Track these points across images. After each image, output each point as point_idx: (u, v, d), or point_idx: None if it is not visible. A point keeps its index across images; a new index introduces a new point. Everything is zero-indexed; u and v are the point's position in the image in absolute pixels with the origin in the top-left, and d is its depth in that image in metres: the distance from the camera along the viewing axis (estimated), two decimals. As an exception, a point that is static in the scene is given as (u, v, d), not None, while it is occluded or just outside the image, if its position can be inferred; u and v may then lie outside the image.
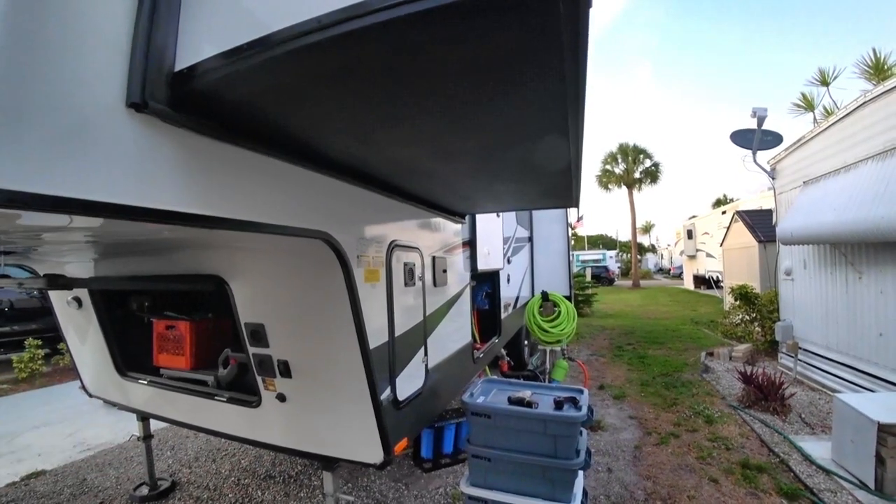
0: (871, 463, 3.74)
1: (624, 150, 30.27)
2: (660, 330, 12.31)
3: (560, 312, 5.22)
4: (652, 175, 30.45)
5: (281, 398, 2.80)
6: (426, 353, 3.06)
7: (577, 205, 3.27)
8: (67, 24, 1.03)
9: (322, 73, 1.26)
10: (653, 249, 64.19)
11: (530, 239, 8.57)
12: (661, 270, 50.65)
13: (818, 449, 4.46)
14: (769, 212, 10.71)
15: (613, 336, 11.66)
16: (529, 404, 2.94)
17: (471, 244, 4.17)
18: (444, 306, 3.45)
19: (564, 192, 2.94)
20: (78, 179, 1.05)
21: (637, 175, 30.48)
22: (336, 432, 2.66)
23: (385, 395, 2.53)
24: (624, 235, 57.62)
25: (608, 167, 31.07)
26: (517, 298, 6.82)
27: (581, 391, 3.20)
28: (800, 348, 6.78)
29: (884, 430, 3.66)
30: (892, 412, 3.78)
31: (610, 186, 31.28)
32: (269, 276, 2.58)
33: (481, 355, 4.55)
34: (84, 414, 6.36)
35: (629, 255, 37.53)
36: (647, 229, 68.09)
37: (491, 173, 2.51)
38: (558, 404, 2.95)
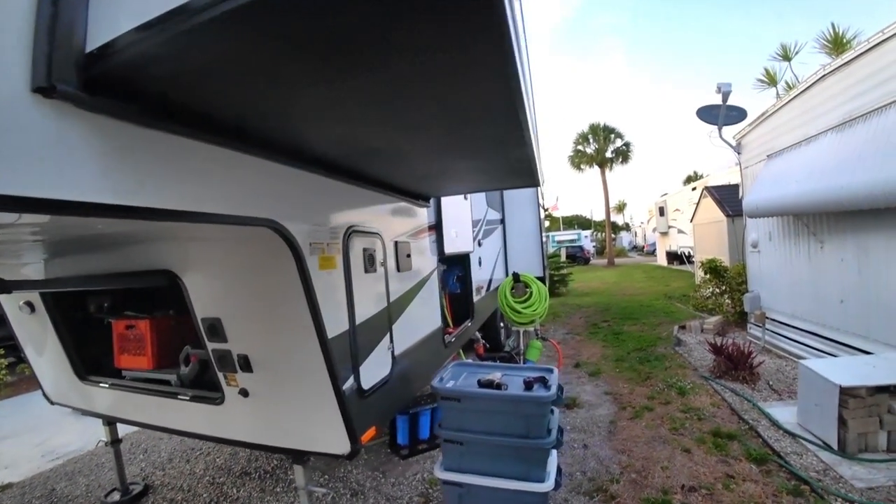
0: (833, 425, 3.84)
1: (595, 129, 30.43)
2: (634, 306, 12.50)
3: (532, 293, 5.22)
4: (623, 154, 30.72)
5: (244, 393, 2.72)
6: (392, 340, 3.00)
7: (539, 184, 3.23)
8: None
9: (244, 45, 1.16)
10: (627, 228, 65.18)
11: (502, 221, 8.56)
12: (635, 248, 51.46)
13: (785, 414, 4.58)
14: (737, 186, 10.89)
15: (589, 314, 11.79)
16: (499, 386, 2.91)
17: (437, 227, 4.10)
18: (409, 292, 3.39)
19: (526, 171, 2.90)
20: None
21: (609, 154, 30.70)
22: (301, 425, 2.59)
23: (348, 384, 2.47)
24: (598, 215, 58.29)
25: (580, 147, 31.23)
26: (490, 281, 6.80)
27: (551, 370, 3.19)
28: (767, 318, 6.95)
29: (845, 393, 3.77)
30: (853, 376, 3.88)
31: (582, 166, 31.47)
32: (223, 268, 2.48)
33: (453, 339, 4.52)
34: (52, 422, 6.14)
35: (604, 235, 37.99)
36: (620, 208, 69.01)
37: (446, 153, 2.45)
38: (528, 385, 2.93)
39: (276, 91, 1.44)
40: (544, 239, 12.32)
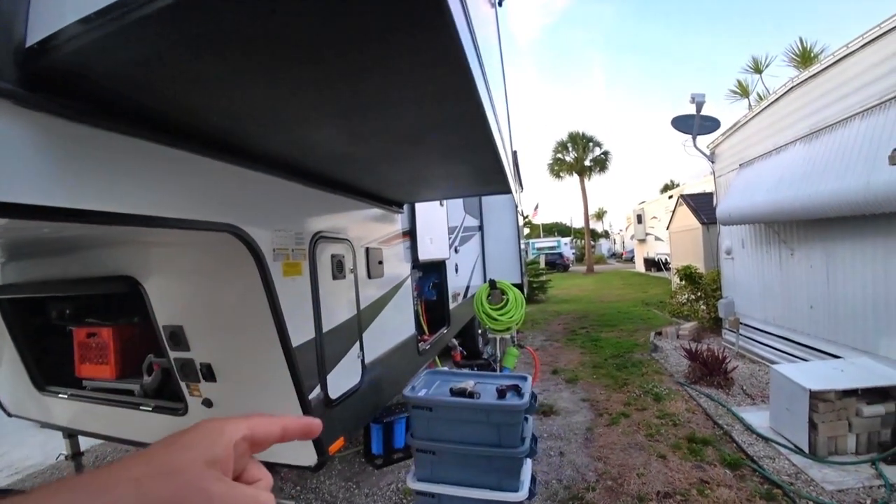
0: (804, 429, 3.89)
1: (574, 138, 30.79)
2: (612, 313, 12.59)
3: (508, 300, 5.19)
4: (601, 163, 31.14)
5: (207, 403, 2.63)
6: (362, 348, 2.93)
7: (511, 191, 3.22)
8: None
9: (189, 39, 1.11)
10: (606, 235, 65.98)
11: (481, 227, 8.55)
12: (614, 255, 52.06)
13: (758, 418, 4.62)
14: (711, 195, 11.09)
15: (568, 321, 11.84)
16: (472, 395, 2.87)
17: (411, 234, 4.05)
18: (381, 299, 3.32)
19: (498, 179, 2.89)
20: None
21: (587, 163, 31.08)
22: (267, 436, 2.50)
23: (314, 394, 2.39)
24: (578, 222, 58.87)
25: (559, 156, 31.56)
26: (468, 288, 6.77)
27: (525, 378, 3.16)
28: (741, 323, 7.04)
29: (815, 397, 3.81)
30: (822, 380, 3.94)
31: (562, 174, 31.79)
32: (185, 275, 2.40)
33: (428, 347, 4.46)
34: (9, 434, 5.88)
35: (584, 242, 38.35)
36: (599, 216, 69.86)
37: (412, 160, 2.42)
38: (501, 393, 2.89)
39: (225, 91, 1.38)
40: (523, 246, 12.37)
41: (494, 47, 2.63)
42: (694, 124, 7.70)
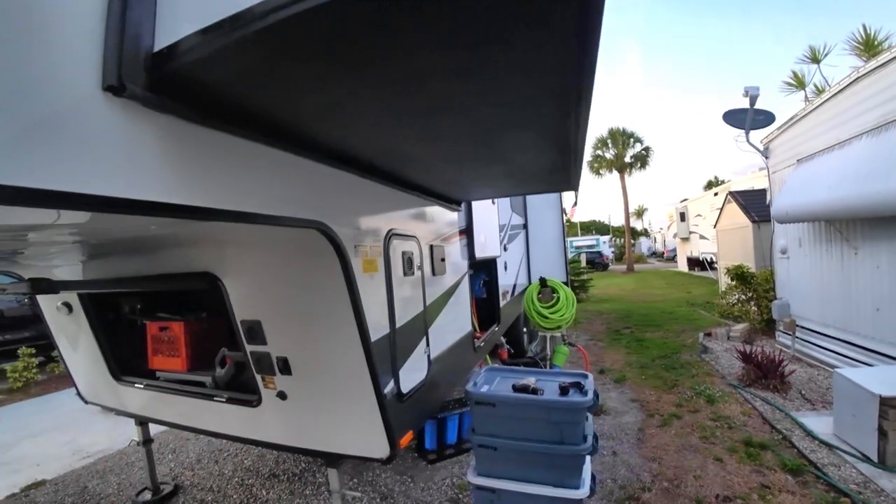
0: (873, 436, 3.75)
1: (614, 134, 30.21)
2: (655, 313, 12.35)
3: (559, 298, 5.19)
4: (642, 159, 30.45)
5: (282, 396, 2.75)
6: (428, 344, 3.01)
7: (576, 188, 3.22)
8: (33, 6, 0.96)
9: (295, 53, 1.20)
10: (646, 233, 64.45)
11: (525, 226, 8.53)
12: (654, 254, 50.85)
13: (819, 424, 4.48)
14: (762, 192, 10.72)
15: (610, 320, 11.68)
16: (535, 391, 2.90)
17: (467, 232, 4.11)
18: (443, 296, 3.40)
19: (563, 175, 2.90)
20: (54, 170, 0.99)
21: (628, 159, 30.45)
22: (340, 428, 2.61)
23: (388, 388, 2.48)
24: (617, 220, 57.81)
25: (599, 152, 31.02)
26: (514, 286, 6.78)
27: (585, 375, 3.17)
28: (797, 325, 6.81)
29: (885, 404, 3.67)
30: (893, 385, 3.79)
31: (601, 172, 31.25)
32: (264, 271, 2.52)
33: (482, 344, 4.52)
34: (80, 421, 6.26)
35: (623, 240, 37.59)
36: (639, 214, 68.29)
37: (483, 157, 2.46)
38: (563, 390, 2.91)
39: (323, 97, 1.47)
40: (566, 244, 12.27)
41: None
42: (747, 118, 7.47)
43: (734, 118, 7.75)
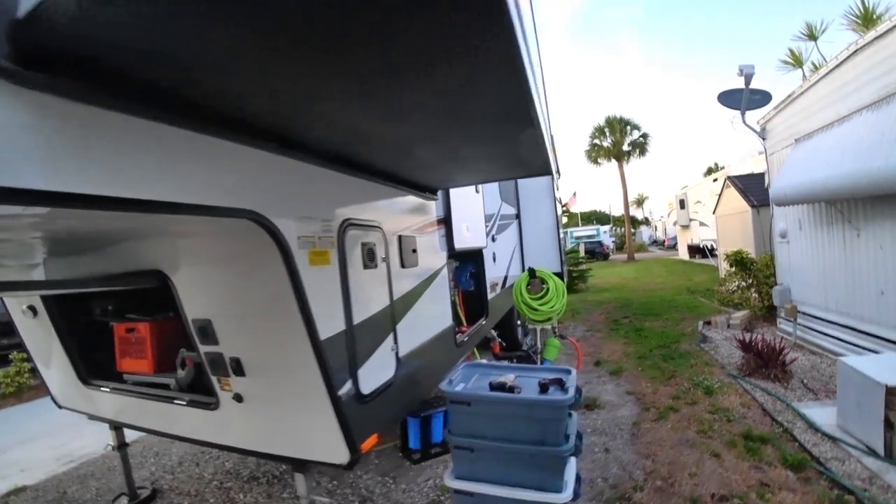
0: (879, 428, 3.54)
1: (611, 122, 29.85)
2: (655, 301, 12.13)
3: (548, 289, 4.98)
4: (640, 147, 30.09)
5: (238, 398, 2.57)
6: (396, 341, 2.81)
7: (552, 172, 3.02)
8: None
9: (196, 6, 0.98)
10: (646, 222, 64.08)
11: (518, 216, 8.33)
12: (655, 242, 50.59)
13: (822, 415, 4.28)
14: (761, 175, 10.46)
15: (609, 310, 11.47)
16: (512, 389, 2.70)
17: (446, 222, 3.90)
18: (416, 289, 3.19)
19: (536, 158, 2.70)
20: None
21: (626, 147, 30.09)
22: (297, 432, 2.43)
23: (345, 389, 2.28)
24: (617, 210, 57.40)
25: (596, 141, 30.67)
26: (506, 278, 6.58)
27: (568, 371, 2.97)
28: (798, 311, 6.59)
29: (892, 393, 3.46)
30: (900, 373, 3.58)
31: (599, 160, 30.91)
32: (211, 266, 2.33)
33: (466, 339, 4.32)
34: (71, 425, 6.08)
35: (623, 229, 37.31)
36: (640, 202, 67.88)
37: (451, 139, 2.26)
38: (543, 387, 2.71)
39: (247, 69, 1.26)
40: (562, 234, 12.05)
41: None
42: (742, 98, 7.22)
43: (730, 99, 7.50)
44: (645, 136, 29.91)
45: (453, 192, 4.01)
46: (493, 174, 3.48)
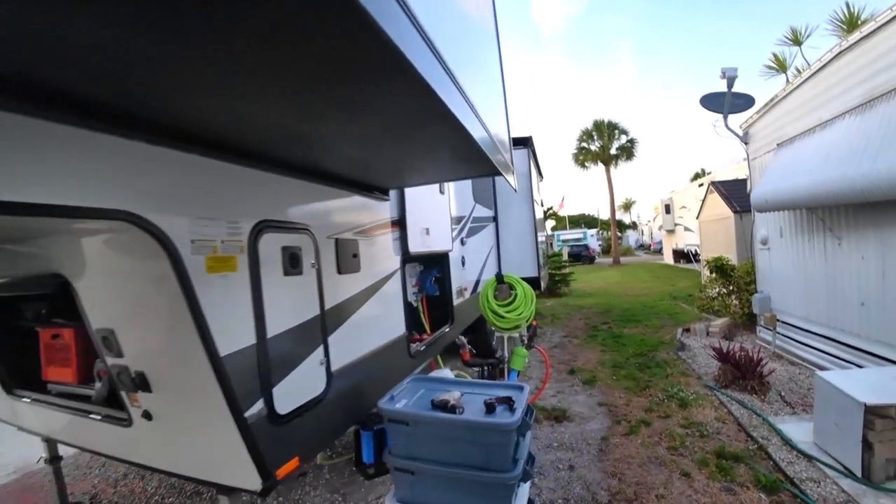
0: (857, 448, 3.33)
1: (599, 126, 29.76)
2: (637, 307, 11.95)
3: (516, 295, 4.73)
4: (628, 151, 30.03)
5: (147, 416, 2.28)
6: (327, 354, 2.52)
7: (499, 173, 2.78)
8: None
9: None
10: (634, 226, 64.29)
11: (495, 219, 8.08)
12: (641, 247, 50.72)
13: (799, 431, 4.07)
14: (744, 181, 10.33)
15: (589, 315, 11.26)
16: (454, 409, 2.44)
17: (400, 224, 3.62)
18: (357, 296, 2.90)
19: (478, 160, 2.48)
20: None
21: (613, 151, 30.03)
22: (206, 454, 2.15)
23: (255, 409, 1.99)
24: (605, 214, 57.42)
25: (584, 145, 30.56)
26: (478, 282, 6.33)
27: (521, 388, 2.71)
28: (778, 321, 6.41)
29: (871, 412, 3.25)
30: (879, 391, 3.37)
31: (587, 164, 30.82)
32: (110, 272, 2.03)
33: (423, 348, 4.04)
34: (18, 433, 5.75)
35: (611, 233, 37.28)
36: (627, 206, 68.12)
37: (373, 139, 2.03)
38: (489, 407, 2.45)
39: (118, 44, 1.00)
40: (542, 238, 11.83)
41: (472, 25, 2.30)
42: (725, 102, 7.03)
43: (712, 102, 7.31)
44: (632, 140, 29.87)
45: (410, 192, 3.73)
46: (439, 175, 3.20)
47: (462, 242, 5.55)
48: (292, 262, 2.27)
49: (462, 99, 1.77)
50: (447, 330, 4.71)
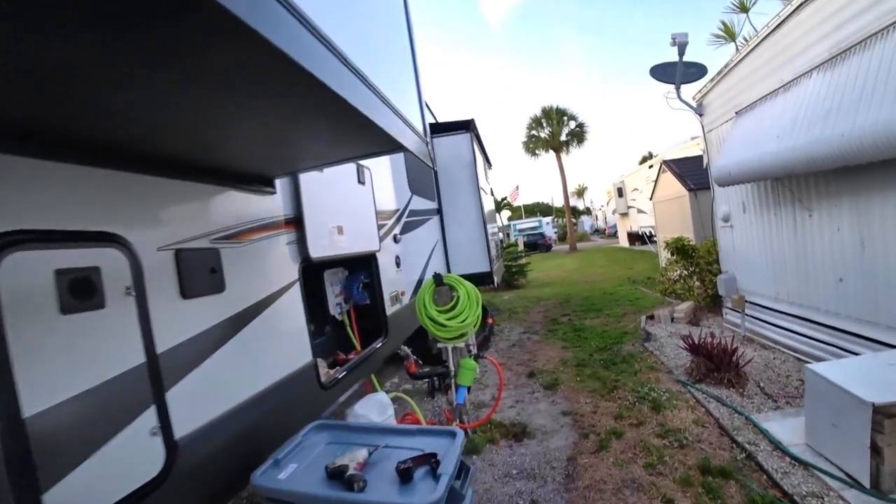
0: (863, 454, 2.79)
1: (547, 113, 29.47)
2: (597, 295, 11.51)
3: (458, 298, 4.02)
4: (578, 136, 29.89)
5: None
6: (164, 417, 1.71)
7: (403, 148, 2.06)
8: None
9: None
10: (588, 212, 65.11)
11: (439, 211, 7.35)
12: (597, 231, 51.34)
13: (788, 430, 3.55)
14: (698, 158, 10.01)
15: (548, 307, 10.72)
16: (350, 482, 1.69)
17: (296, 223, 2.82)
18: (222, 325, 2.09)
19: (373, 133, 1.76)
20: None
21: (563, 138, 29.86)
22: None
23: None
24: (559, 201, 57.76)
25: (534, 132, 30.24)
26: (420, 283, 5.58)
27: (453, 435, 2.00)
28: (746, 301, 5.96)
29: (880, 412, 2.71)
30: (885, 387, 2.84)
31: (538, 151, 30.53)
32: None
33: (343, 374, 3.26)
34: None
35: (566, 220, 37.30)
36: (580, 192, 68.88)
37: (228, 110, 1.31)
38: (403, 475, 1.72)
39: None
40: (495, 229, 11.19)
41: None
42: (677, 72, 6.52)
43: (663, 73, 6.80)
44: (581, 125, 29.73)
45: (310, 184, 2.93)
46: (333, 154, 2.40)
47: (395, 240, 4.79)
48: (82, 293, 1.46)
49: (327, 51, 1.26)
50: (378, 345, 3.94)
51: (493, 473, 3.65)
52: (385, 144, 2.06)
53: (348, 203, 3.54)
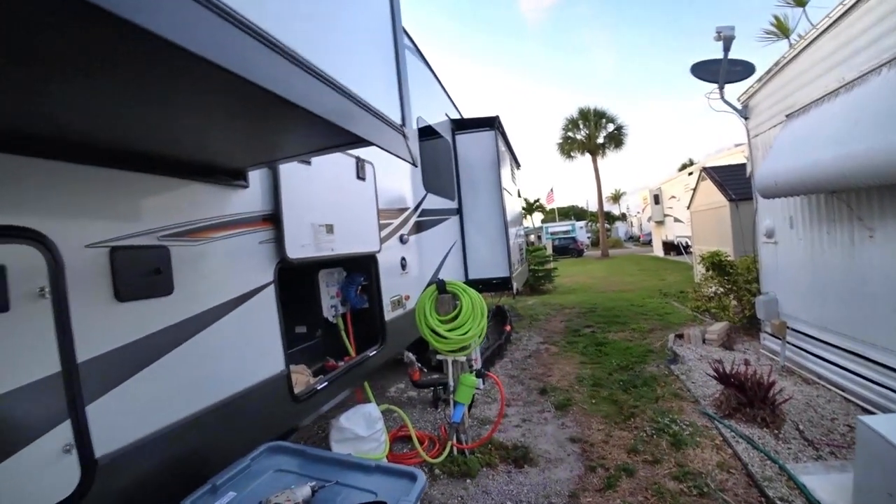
0: (928, 531, 2.31)
1: (585, 114, 28.65)
2: (623, 306, 10.93)
3: (461, 307, 3.67)
4: (616, 139, 28.99)
5: None
6: (81, 432, 1.44)
7: (363, 140, 1.72)
8: None
9: None
10: (623, 218, 63.46)
11: (459, 211, 7.00)
12: (631, 238, 49.98)
13: (830, 489, 3.04)
14: (741, 166, 9.34)
15: (571, 316, 10.23)
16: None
17: (273, 219, 2.52)
18: (168, 331, 1.78)
19: (340, 120, 1.45)
20: None
21: (600, 140, 29.00)
22: None
23: None
24: (594, 205, 56.48)
25: (570, 134, 29.49)
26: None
27: (413, 478, 1.66)
28: (789, 328, 5.39)
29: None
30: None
31: (573, 154, 29.77)
32: None
33: (324, 384, 2.94)
34: None
35: (599, 225, 36.31)
36: (616, 198, 67.20)
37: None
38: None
39: None
40: (520, 232, 10.74)
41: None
42: (721, 69, 5.96)
43: (706, 71, 6.23)
44: (620, 128, 28.83)
45: (294, 178, 2.62)
46: (302, 146, 2.07)
47: (402, 240, 4.46)
48: None
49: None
50: (371, 354, 3.62)
51: (485, 502, 3.30)
52: (345, 139, 1.73)
53: (343, 200, 3.22)
